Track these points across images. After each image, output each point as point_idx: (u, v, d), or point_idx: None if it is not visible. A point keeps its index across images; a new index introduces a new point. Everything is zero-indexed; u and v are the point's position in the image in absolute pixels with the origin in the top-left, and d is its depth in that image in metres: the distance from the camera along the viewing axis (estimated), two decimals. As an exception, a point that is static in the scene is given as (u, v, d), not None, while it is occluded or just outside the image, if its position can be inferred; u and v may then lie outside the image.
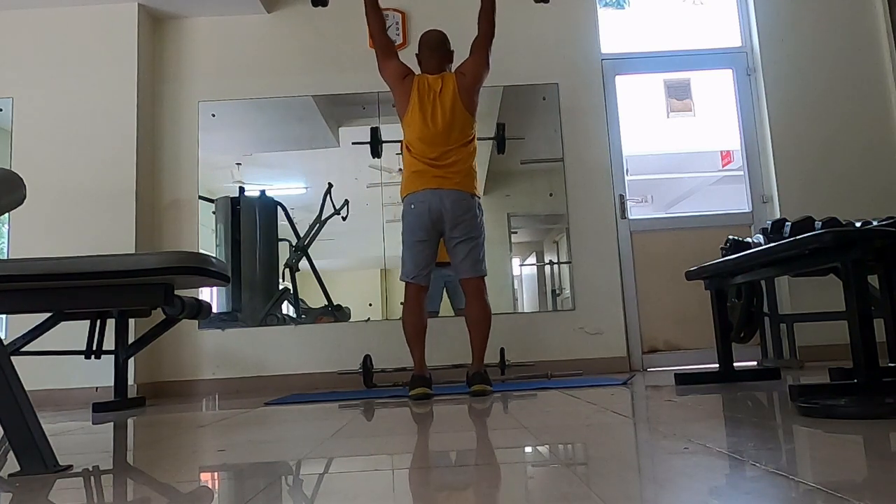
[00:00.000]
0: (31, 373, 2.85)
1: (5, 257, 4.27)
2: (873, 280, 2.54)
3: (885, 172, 4.57)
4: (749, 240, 3.33)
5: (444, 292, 4.53)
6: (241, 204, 4.73)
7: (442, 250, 3.45)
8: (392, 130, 4.70)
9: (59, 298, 2.04)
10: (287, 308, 4.70)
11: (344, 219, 4.65)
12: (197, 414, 3.18)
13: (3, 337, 2.41)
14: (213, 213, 4.69)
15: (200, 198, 4.64)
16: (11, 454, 1.55)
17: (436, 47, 3.48)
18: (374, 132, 4.60)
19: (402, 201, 3.36)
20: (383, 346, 4.22)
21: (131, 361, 3.83)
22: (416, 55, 3.54)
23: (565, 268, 4.65)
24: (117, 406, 3.52)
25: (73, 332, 3.59)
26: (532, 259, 4.86)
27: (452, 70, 3.47)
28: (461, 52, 3.59)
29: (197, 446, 2.07)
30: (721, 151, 6.04)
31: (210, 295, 4.49)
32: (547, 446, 1.64)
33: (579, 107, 4.68)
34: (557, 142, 4.66)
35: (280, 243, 4.73)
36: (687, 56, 4.89)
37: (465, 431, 2.05)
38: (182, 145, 4.67)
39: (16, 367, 1.59)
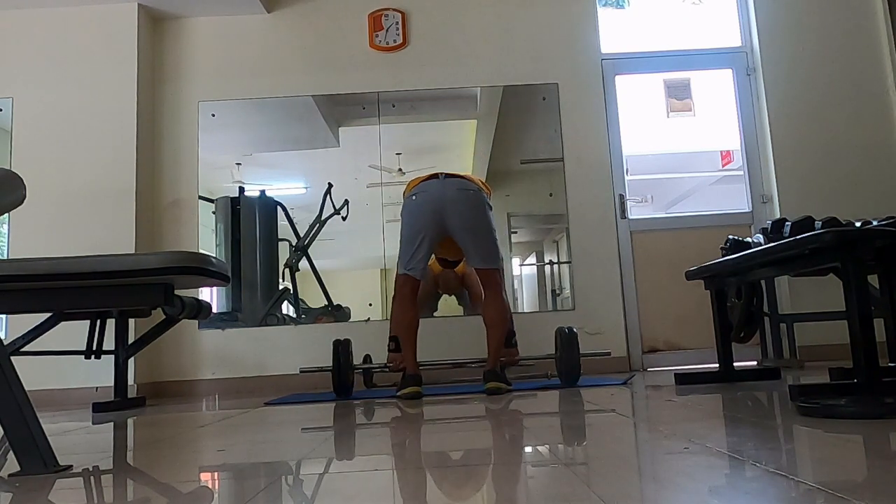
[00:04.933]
0: (31, 373, 2.85)
1: (5, 257, 4.27)
2: (873, 280, 2.54)
3: (885, 172, 4.57)
4: (749, 240, 3.33)
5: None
6: (241, 204, 4.73)
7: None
8: (391, 129, 4.71)
9: (59, 298, 2.04)
10: (287, 308, 4.69)
11: (344, 219, 4.65)
12: (197, 414, 3.17)
13: (3, 337, 2.40)
14: (213, 213, 4.69)
15: (200, 198, 4.64)
16: (11, 454, 1.55)
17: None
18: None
19: (405, 200, 3.33)
20: (383, 346, 4.20)
21: (131, 361, 3.83)
22: None
23: (565, 268, 4.65)
24: (117, 406, 3.52)
25: (73, 332, 3.59)
26: (532, 259, 4.86)
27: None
28: (461, 50, 3.59)
29: (197, 446, 2.07)
30: (721, 151, 6.03)
31: (210, 295, 4.49)
32: (547, 446, 1.64)
33: (579, 107, 4.68)
34: (557, 142, 4.66)
35: (280, 243, 4.73)
36: (687, 56, 4.89)
37: (464, 431, 2.05)
38: (182, 145, 4.68)
39: (16, 367, 1.59)
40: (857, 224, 2.54)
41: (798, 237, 2.19)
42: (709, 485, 1.12)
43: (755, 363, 4.17)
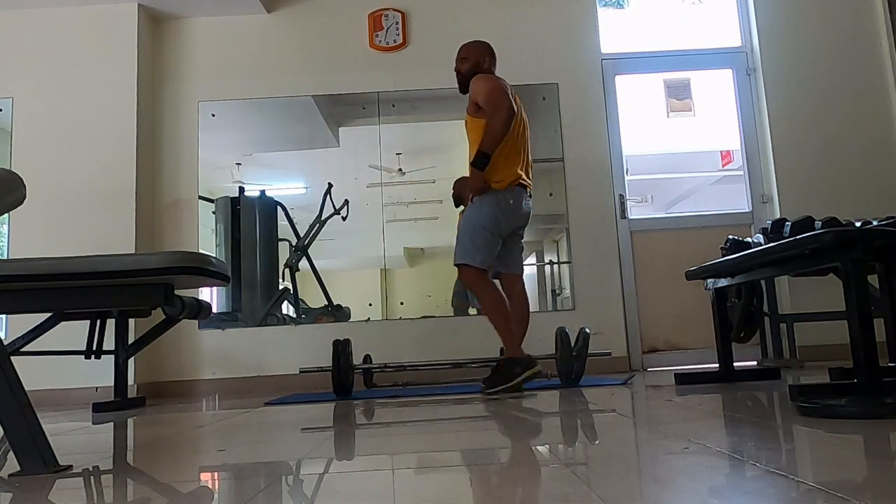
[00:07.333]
0: (31, 373, 2.84)
1: (5, 257, 4.27)
2: (873, 280, 2.54)
3: (885, 172, 4.57)
4: (749, 240, 3.33)
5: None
6: (241, 204, 4.73)
7: None
8: (391, 129, 4.71)
9: (59, 298, 2.04)
10: (287, 308, 4.69)
11: (344, 219, 4.65)
12: (197, 414, 3.18)
13: (3, 337, 2.40)
14: (213, 213, 4.69)
15: (200, 198, 4.64)
16: (11, 454, 1.55)
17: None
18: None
19: (499, 191, 3.26)
20: (383, 346, 4.21)
21: (131, 361, 3.82)
22: (490, 65, 3.53)
23: (565, 268, 4.65)
24: (117, 406, 3.52)
25: (73, 332, 3.58)
26: (532, 259, 4.85)
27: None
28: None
29: (197, 446, 2.07)
30: (721, 151, 6.04)
31: (210, 295, 4.48)
32: (547, 446, 1.64)
33: (579, 107, 4.68)
34: (557, 142, 4.66)
35: (280, 243, 4.73)
36: (687, 56, 4.89)
37: (464, 431, 2.05)
38: (182, 145, 4.67)
39: (16, 367, 1.59)
40: (857, 224, 2.54)
41: (798, 237, 2.19)
42: (709, 485, 1.12)
43: (755, 363, 4.17)
